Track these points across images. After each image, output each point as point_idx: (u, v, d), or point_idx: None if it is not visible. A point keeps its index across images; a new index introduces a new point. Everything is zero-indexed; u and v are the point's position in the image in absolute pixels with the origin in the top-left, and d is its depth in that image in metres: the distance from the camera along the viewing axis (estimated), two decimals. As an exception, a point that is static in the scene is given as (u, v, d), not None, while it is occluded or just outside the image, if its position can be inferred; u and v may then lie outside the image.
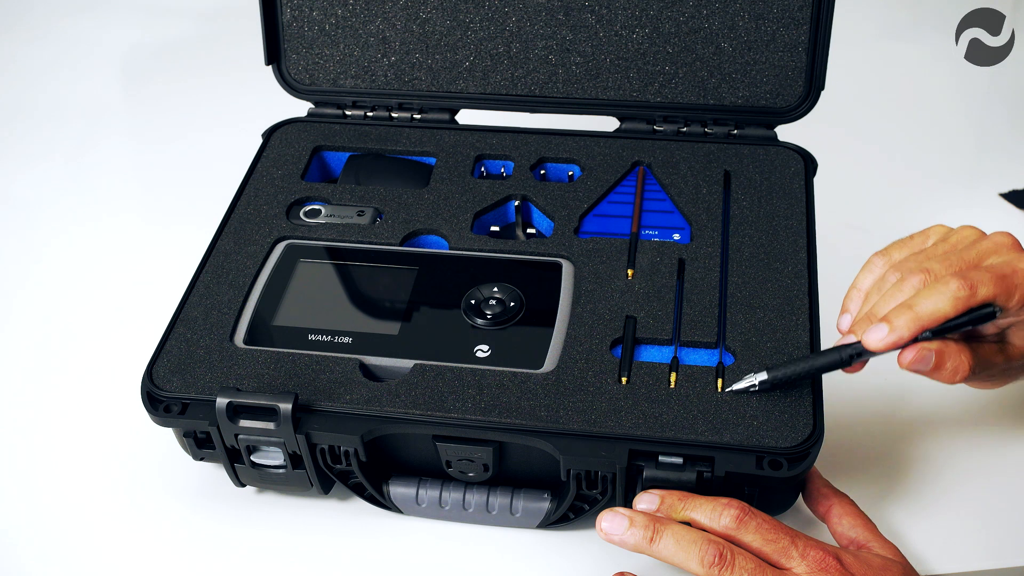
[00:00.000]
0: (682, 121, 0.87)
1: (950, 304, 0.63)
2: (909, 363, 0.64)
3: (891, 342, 0.64)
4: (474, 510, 0.71)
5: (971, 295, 0.63)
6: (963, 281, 0.63)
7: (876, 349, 0.64)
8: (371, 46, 0.89)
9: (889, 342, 0.64)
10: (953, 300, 0.63)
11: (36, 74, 1.27)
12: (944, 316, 0.63)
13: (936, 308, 0.63)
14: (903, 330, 0.63)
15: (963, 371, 0.64)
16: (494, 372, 0.69)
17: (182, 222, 0.98)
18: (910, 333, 0.63)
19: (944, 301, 0.63)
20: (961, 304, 0.63)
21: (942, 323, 0.63)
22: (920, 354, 0.64)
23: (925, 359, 0.64)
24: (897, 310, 0.64)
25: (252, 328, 0.73)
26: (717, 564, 0.58)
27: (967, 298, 0.63)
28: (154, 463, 0.77)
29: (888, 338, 0.64)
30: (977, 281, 0.63)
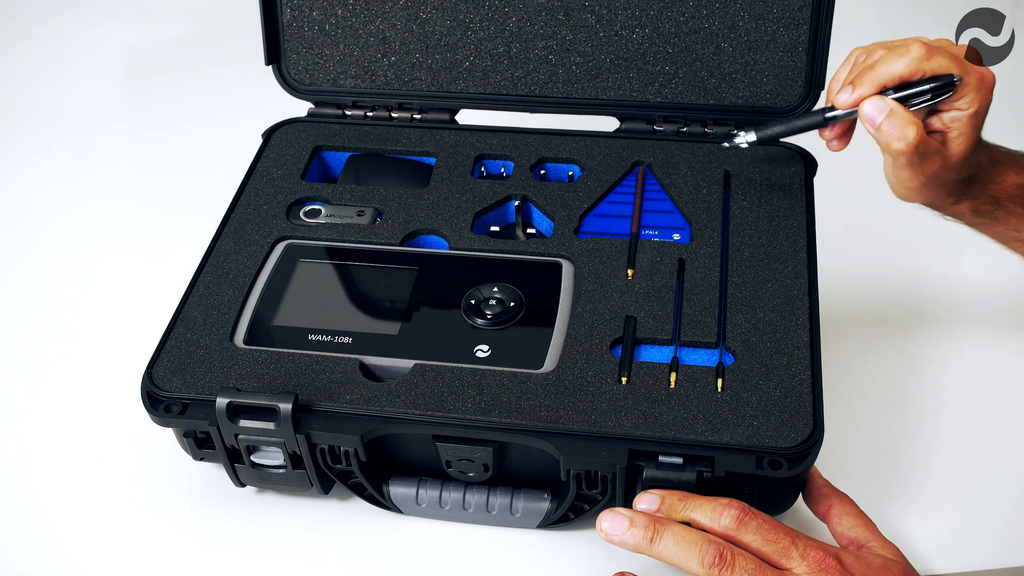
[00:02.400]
0: (682, 121, 0.87)
1: (906, 64, 0.69)
2: (865, 110, 0.69)
3: (856, 98, 0.70)
4: (474, 510, 0.71)
5: (926, 58, 0.68)
6: (923, 46, 0.69)
7: (842, 106, 0.71)
8: (371, 46, 0.89)
9: (854, 99, 0.70)
10: (909, 60, 0.69)
11: (36, 74, 1.27)
12: (899, 75, 0.69)
13: (893, 68, 0.69)
14: (864, 88, 0.70)
15: (909, 139, 0.68)
16: (494, 372, 0.69)
17: (182, 222, 0.98)
18: (870, 90, 0.70)
19: (902, 62, 0.69)
20: (915, 65, 0.69)
21: (902, 83, 0.69)
22: (875, 104, 0.69)
23: (878, 107, 0.69)
24: (861, 73, 0.71)
25: (252, 328, 0.73)
26: (717, 564, 0.58)
27: (922, 59, 0.68)
28: (154, 463, 0.77)
29: (852, 96, 0.70)
30: (936, 51, 0.69)
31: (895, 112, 0.68)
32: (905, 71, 0.69)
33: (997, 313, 0.88)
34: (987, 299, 0.87)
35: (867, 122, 0.70)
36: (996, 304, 0.88)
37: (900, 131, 0.68)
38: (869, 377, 0.83)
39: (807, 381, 0.68)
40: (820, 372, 0.68)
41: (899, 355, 0.85)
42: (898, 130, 0.68)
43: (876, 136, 0.70)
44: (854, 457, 0.76)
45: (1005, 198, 0.75)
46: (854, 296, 0.88)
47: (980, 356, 0.85)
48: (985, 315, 0.88)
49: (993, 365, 0.84)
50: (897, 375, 0.84)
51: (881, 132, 0.69)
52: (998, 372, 0.84)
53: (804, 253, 0.76)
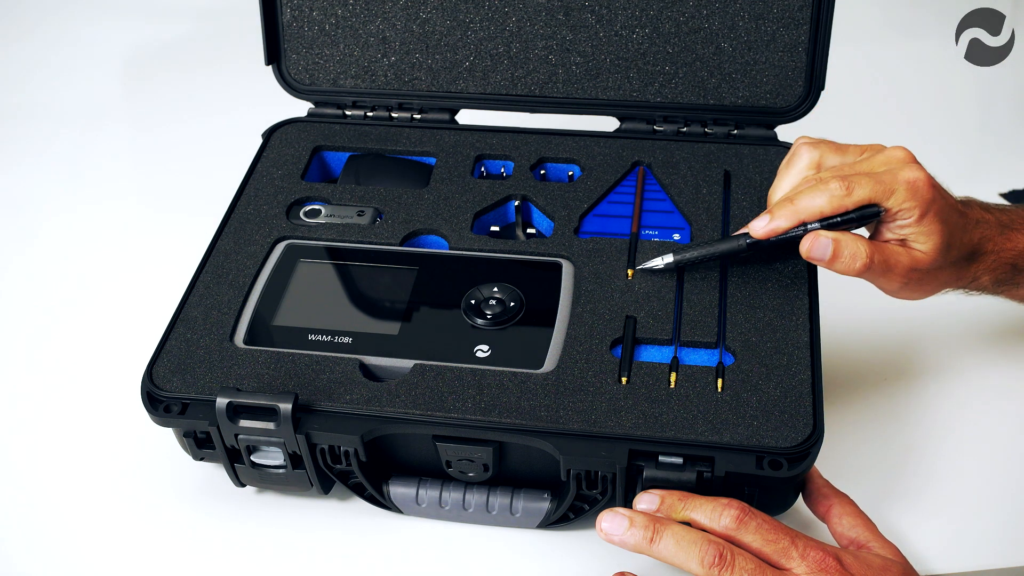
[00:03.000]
0: (682, 121, 0.87)
1: (827, 201, 0.69)
2: (806, 251, 0.70)
3: (770, 230, 0.71)
4: (474, 510, 0.71)
5: (847, 195, 0.69)
6: (842, 183, 0.69)
7: (756, 235, 0.71)
8: (371, 46, 0.89)
9: (768, 230, 0.71)
10: (830, 198, 0.69)
11: (36, 73, 1.27)
12: (820, 211, 0.69)
13: (813, 204, 0.70)
14: (780, 220, 0.70)
15: (862, 259, 0.69)
16: (494, 372, 0.69)
17: (182, 222, 0.98)
18: (787, 223, 0.70)
19: (823, 199, 0.69)
20: (836, 202, 0.69)
21: (823, 219, 0.70)
22: (815, 241, 0.69)
23: (821, 247, 0.69)
24: (780, 203, 0.71)
25: (252, 328, 0.73)
26: (717, 564, 0.58)
27: (842, 197, 0.69)
28: (154, 463, 0.77)
29: (768, 226, 0.71)
30: (855, 184, 0.69)
31: (841, 242, 0.69)
32: (827, 208, 0.69)
33: (998, 313, 0.88)
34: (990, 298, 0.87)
35: (816, 260, 0.70)
36: (998, 304, 0.88)
37: (851, 259, 0.69)
38: (869, 377, 0.83)
39: (807, 381, 0.68)
40: (820, 372, 0.68)
41: (900, 355, 0.85)
42: (849, 259, 0.69)
43: (832, 269, 0.70)
44: (854, 457, 0.76)
45: (1022, 263, 0.74)
46: (854, 296, 0.88)
47: (981, 356, 0.85)
48: (986, 315, 0.88)
49: (994, 365, 0.84)
50: (897, 375, 0.84)
51: (835, 265, 0.69)
52: (999, 372, 0.84)
53: (804, 253, 0.76)
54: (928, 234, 0.70)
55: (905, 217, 0.69)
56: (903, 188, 0.69)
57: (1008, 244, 0.74)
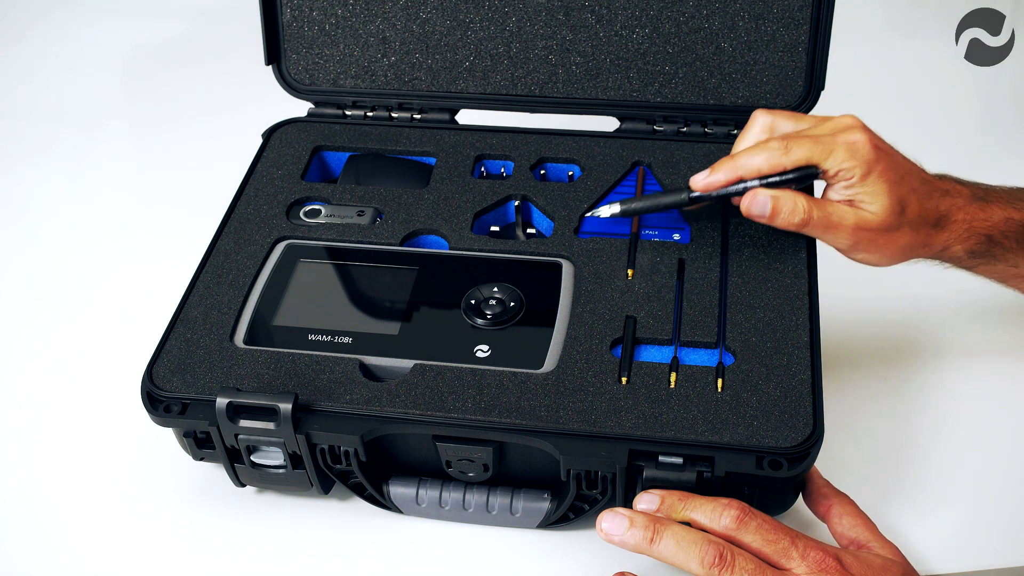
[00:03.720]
0: (682, 121, 0.87)
1: (765, 160, 0.72)
2: (746, 207, 0.73)
3: (708, 183, 0.74)
4: (474, 510, 0.71)
5: (784, 154, 0.72)
6: (781, 142, 0.72)
7: (696, 187, 0.74)
8: (371, 46, 0.89)
9: (707, 183, 0.74)
10: (768, 156, 0.72)
11: (36, 73, 1.27)
12: (758, 169, 0.72)
13: (752, 162, 0.73)
14: (719, 174, 0.73)
15: (800, 214, 0.72)
16: (494, 372, 0.69)
17: (182, 222, 0.98)
18: (726, 178, 0.73)
19: (761, 157, 0.72)
20: (774, 160, 0.72)
21: (763, 177, 0.72)
22: (754, 198, 0.72)
23: (760, 203, 0.72)
24: (722, 160, 0.74)
25: (252, 328, 0.73)
26: (717, 565, 0.58)
27: (780, 155, 0.72)
28: (154, 463, 0.77)
29: (707, 179, 0.74)
30: (794, 144, 0.72)
31: (779, 199, 0.72)
32: (765, 167, 0.72)
33: (999, 312, 0.88)
34: (989, 297, 0.87)
35: (757, 217, 0.73)
36: (998, 303, 0.88)
37: (789, 215, 0.72)
38: (869, 377, 0.83)
39: (807, 381, 0.68)
40: (820, 372, 0.68)
41: (900, 355, 0.85)
42: (787, 215, 0.72)
43: (774, 224, 0.73)
44: (854, 457, 0.76)
45: (997, 234, 0.75)
46: (854, 296, 0.88)
47: (981, 356, 0.85)
48: (987, 314, 0.88)
49: (995, 365, 0.84)
50: (897, 374, 0.84)
51: (777, 220, 0.72)
52: (999, 372, 0.84)
53: (804, 253, 0.76)
54: (875, 194, 0.71)
55: (846, 177, 0.71)
56: (842, 149, 0.71)
57: (982, 215, 0.75)
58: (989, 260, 0.77)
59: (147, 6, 1.39)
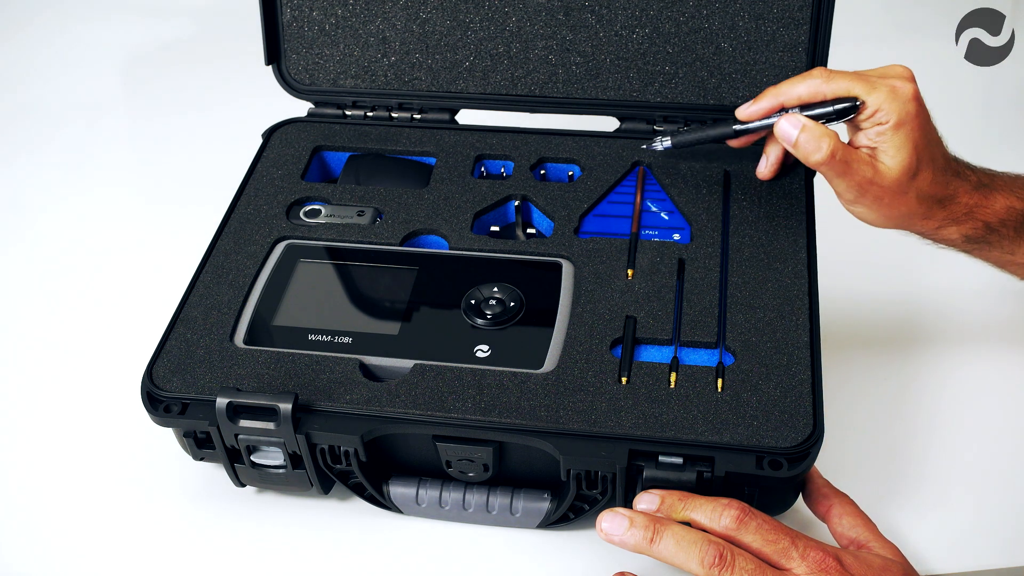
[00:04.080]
0: (682, 121, 0.87)
1: (805, 87, 0.72)
2: (777, 130, 0.73)
3: (752, 112, 0.75)
4: (474, 510, 0.71)
5: (825, 82, 0.72)
6: (824, 71, 0.73)
7: (741, 117, 0.76)
8: (371, 46, 0.89)
9: (751, 112, 0.75)
10: (809, 84, 0.72)
11: (36, 73, 1.27)
12: (798, 96, 0.73)
13: (794, 89, 0.73)
14: (763, 101, 0.74)
15: (823, 151, 0.70)
16: (494, 372, 0.69)
17: (182, 222, 0.98)
18: (768, 105, 0.74)
19: (802, 84, 0.73)
20: (815, 88, 0.72)
21: (803, 104, 0.73)
22: (788, 120, 0.72)
23: (790, 126, 0.72)
24: (767, 89, 0.75)
25: (252, 328, 0.73)
26: (717, 565, 0.58)
27: (821, 83, 0.72)
28: (154, 463, 0.77)
29: (750, 108, 0.75)
30: (838, 75, 0.72)
31: (807, 127, 0.71)
32: (805, 93, 0.72)
33: (999, 311, 0.88)
34: (989, 297, 0.87)
35: (783, 139, 0.72)
36: (998, 302, 0.88)
37: (815, 143, 0.70)
38: (869, 377, 0.83)
39: (807, 381, 0.68)
40: (820, 372, 0.68)
41: (899, 355, 0.85)
42: (813, 143, 0.71)
43: (795, 152, 0.72)
44: (854, 457, 0.76)
45: (996, 222, 0.75)
46: (854, 296, 0.88)
47: (981, 356, 0.85)
48: (987, 313, 0.88)
49: (994, 364, 0.84)
50: (897, 374, 0.84)
51: (798, 147, 0.71)
52: (999, 371, 0.84)
53: (804, 253, 0.76)
54: (898, 147, 0.70)
55: (881, 121, 0.71)
56: (885, 90, 0.70)
57: (985, 201, 0.75)
58: (984, 247, 0.77)
59: (147, 6, 1.39)
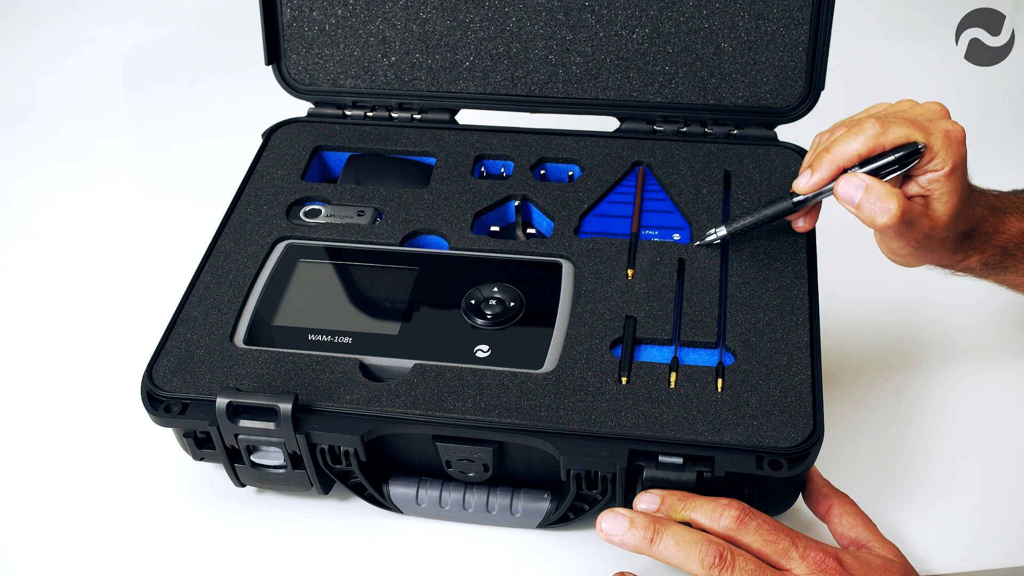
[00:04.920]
0: (682, 121, 0.87)
1: (862, 142, 0.68)
2: (840, 191, 0.68)
3: (814, 184, 0.70)
4: (474, 510, 0.71)
5: (882, 133, 0.67)
6: (877, 121, 0.68)
7: (802, 191, 0.71)
8: (371, 46, 0.89)
9: (812, 184, 0.70)
10: (865, 138, 0.68)
11: (36, 74, 1.27)
12: (857, 153, 0.68)
13: (849, 148, 0.68)
14: (822, 171, 0.69)
15: (892, 213, 0.66)
16: (494, 372, 0.69)
17: (182, 222, 0.98)
18: (829, 173, 0.69)
19: (858, 140, 0.68)
20: (872, 141, 0.67)
21: (862, 160, 0.68)
22: (848, 180, 0.68)
23: (853, 186, 0.67)
24: (818, 154, 0.70)
25: (252, 328, 0.73)
26: (717, 565, 0.58)
27: (878, 135, 0.67)
28: (154, 463, 0.77)
29: (811, 180, 0.70)
30: (892, 123, 0.67)
31: (872, 187, 0.66)
32: (863, 149, 0.68)
33: (999, 313, 0.88)
34: (989, 298, 0.87)
35: (846, 202, 0.68)
36: (998, 303, 0.88)
37: (882, 205, 0.66)
38: (869, 377, 0.83)
39: (807, 381, 0.68)
40: (820, 372, 0.68)
41: (899, 355, 0.85)
42: (880, 204, 0.66)
43: (858, 215, 0.68)
44: (854, 457, 0.76)
45: (1012, 246, 0.74)
46: (854, 296, 0.88)
47: (982, 357, 0.85)
48: (987, 314, 0.88)
49: (995, 365, 0.84)
50: (897, 374, 0.84)
51: (862, 210, 0.67)
52: (999, 372, 0.84)
53: (804, 253, 0.76)
54: (950, 193, 0.68)
55: (938, 167, 0.67)
56: (940, 134, 0.67)
57: (1001, 227, 0.74)
58: (1000, 271, 0.76)
59: (147, 6, 1.38)
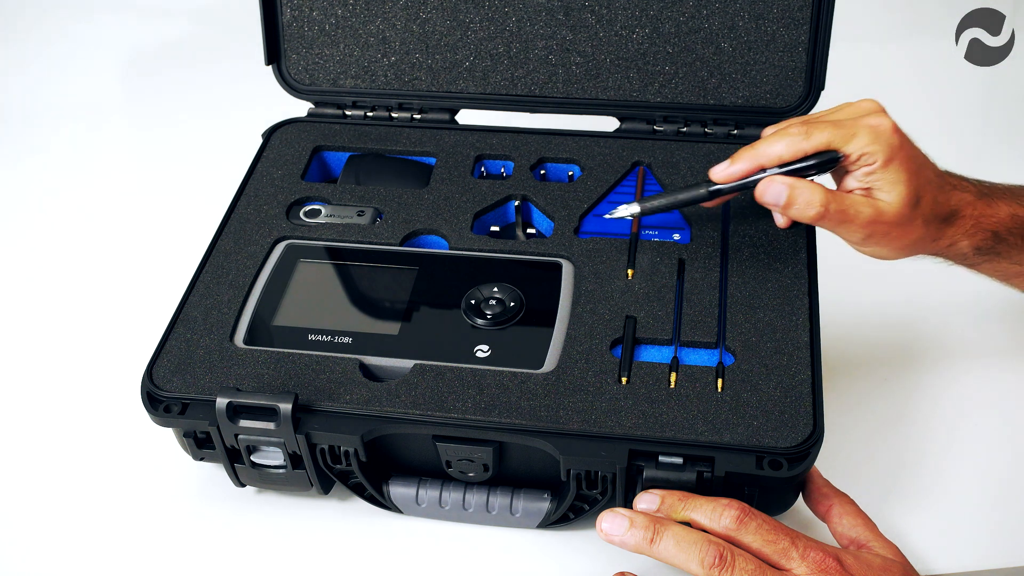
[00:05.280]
0: (682, 121, 0.87)
1: (786, 147, 0.70)
2: (760, 194, 0.71)
3: (729, 174, 0.72)
4: (474, 510, 0.71)
5: (805, 139, 0.69)
6: (801, 127, 0.70)
7: (717, 179, 0.73)
8: (371, 46, 0.89)
9: (727, 174, 0.72)
10: (788, 143, 0.70)
11: (36, 74, 1.27)
12: (779, 156, 0.70)
13: (772, 149, 0.70)
14: (740, 163, 0.71)
15: (816, 207, 0.69)
16: (494, 372, 0.69)
17: (182, 222, 0.98)
18: (747, 167, 0.71)
19: (781, 144, 0.70)
20: (795, 147, 0.69)
21: (783, 164, 0.70)
22: (769, 186, 0.70)
23: (775, 192, 0.70)
24: (742, 149, 0.72)
25: (252, 328, 0.73)
26: (717, 565, 0.58)
27: (800, 141, 0.69)
28: (154, 463, 0.77)
29: (727, 170, 0.72)
30: (815, 129, 0.70)
31: (794, 186, 0.69)
32: (785, 153, 0.70)
33: (999, 312, 0.88)
34: (989, 297, 0.87)
35: (771, 203, 0.70)
36: (998, 302, 0.88)
37: (806, 201, 0.69)
38: (869, 377, 0.83)
39: (807, 381, 0.68)
40: (820, 372, 0.68)
41: (899, 354, 0.85)
42: (803, 201, 0.69)
43: (788, 214, 0.70)
44: (854, 457, 0.76)
45: (1003, 231, 0.75)
46: (854, 296, 0.88)
47: (981, 355, 0.85)
48: (987, 313, 0.88)
49: (995, 365, 0.84)
50: (898, 374, 0.84)
51: (789, 209, 0.69)
52: (999, 371, 0.84)
53: (804, 253, 0.76)
54: (894, 182, 0.69)
55: (868, 163, 0.69)
56: (865, 132, 0.69)
57: (990, 211, 0.74)
58: (993, 257, 0.77)
59: (147, 6, 1.38)
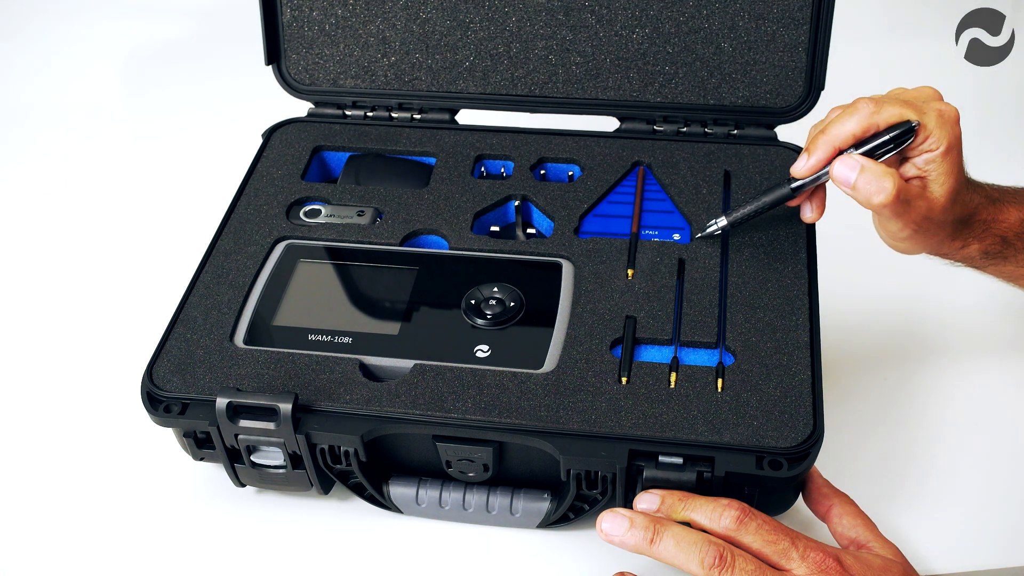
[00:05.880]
0: (682, 121, 0.87)
1: (855, 122, 0.68)
2: (836, 173, 0.68)
3: (811, 166, 0.70)
4: (474, 510, 0.71)
5: (876, 112, 0.68)
6: (871, 102, 0.68)
7: (799, 175, 0.71)
8: (371, 46, 0.89)
9: (810, 166, 0.70)
10: (859, 118, 0.68)
11: (36, 74, 1.27)
12: (852, 133, 0.68)
13: (845, 128, 0.68)
14: (818, 153, 0.69)
15: (888, 192, 0.66)
16: (494, 372, 0.69)
17: (182, 222, 0.99)
18: (825, 155, 0.69)
19: (852, 121, 0.68)
20: (866, 121, 0.68)
21: (856, 141, 0.68)
22: (845, 163, 0.68)
23: (848, 168, 0.67)
24: (814, 137, 0.70)
25: (252, 328, 0.73)
26: (717, 565, 0.58)
27: (872, 115, 0.68)
28: (154, 463, 0.77)
29: (808, 163, 0.70)
30: (885, 103, 0.68)
31: (867, 168, 0.67)
32: (857, 129, 0.68)
33: (999, 312, 0.88)
34: (989, 297, 0.87)
35: (841, 183, 0.68)
36: (998, 302, 0.88)
37: (877, 184, 0.66)
38: (869, 377, 0.83)
39: (807, 381, 0.68)
40: (820, 372, 0.68)
41: (899, 354, 0.85)
42: (875, 184, 0.67)
43: (854, 195, 0.68)
44: (854, 457, 0.76)
45: (1012, 235, 0.75)
46: (854, 296, 0.88)
47: (982, 355, 0.85)
48: (987, 313, 0.88)
49: (995, 364, 0.84)
50: (897, 374, 0.84)
51: (858, 190, 0.67)
52: (999, 371, 0.84)
53: (804, 253, 0.76)
54: (947, 174, 0.68)
55: (932, 148, 0.68)
56: (934, 114, 0.68)
57: (1000, 216, 0.74)
58: (1000, 261, 0.77)
59: (147, 6, 1.38)
